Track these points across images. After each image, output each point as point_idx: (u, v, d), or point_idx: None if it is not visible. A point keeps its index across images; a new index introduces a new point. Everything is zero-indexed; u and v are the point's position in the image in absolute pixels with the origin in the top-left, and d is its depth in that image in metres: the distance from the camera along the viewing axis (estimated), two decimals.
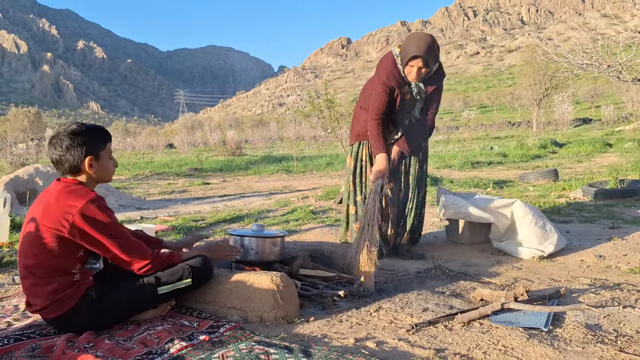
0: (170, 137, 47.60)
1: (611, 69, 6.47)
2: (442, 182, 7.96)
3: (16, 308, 2.55)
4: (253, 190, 8.98)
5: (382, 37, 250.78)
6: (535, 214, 3.55)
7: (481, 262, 3.43)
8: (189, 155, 22.66)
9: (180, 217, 5.90)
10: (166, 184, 10.98)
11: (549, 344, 1.94)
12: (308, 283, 2.67)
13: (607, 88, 43.30)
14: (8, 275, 3.32)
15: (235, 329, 2.12)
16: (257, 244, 2.70)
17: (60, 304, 2.07)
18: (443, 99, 3.88)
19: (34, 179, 7.59)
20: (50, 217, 2.04)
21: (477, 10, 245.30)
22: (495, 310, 2.25)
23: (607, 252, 3.49)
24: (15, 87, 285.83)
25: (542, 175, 7.79)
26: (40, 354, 1.93)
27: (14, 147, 20.63)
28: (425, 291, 2.69)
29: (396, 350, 1.93)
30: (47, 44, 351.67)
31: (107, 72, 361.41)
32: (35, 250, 2.06)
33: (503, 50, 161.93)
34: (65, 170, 2.14)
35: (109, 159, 2.22)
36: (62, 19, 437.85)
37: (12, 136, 31.75)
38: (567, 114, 28.27)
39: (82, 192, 2.08)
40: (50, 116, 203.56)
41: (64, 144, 2.10)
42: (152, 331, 2.10)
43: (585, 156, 12.96)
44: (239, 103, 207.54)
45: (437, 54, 3.29)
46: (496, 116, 54.43)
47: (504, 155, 13.45)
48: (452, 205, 3.73)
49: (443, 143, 21.96)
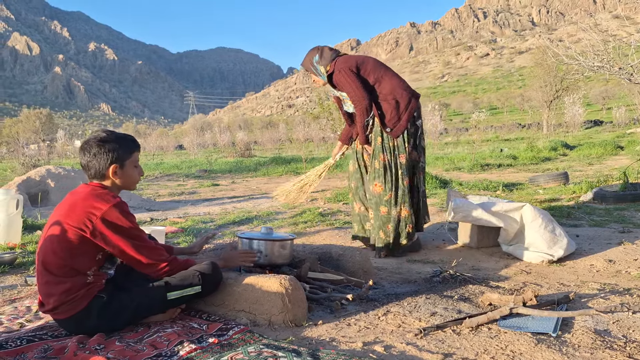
0: (180, 138, 47.86)
1: (623, 71, 6.43)
2: (451, 185, 7.94)
3: (28, 309, 2.58)
4: (262, 191, 9.01)
5: (391, 39, 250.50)
6: (545, 217, 3.53)
7: (490, 266, 3.42)
8: (198, 157, 22.76)
9: (190, 218, 5.94)
10: (176, 185, 11.04)
11: (558, 349, 1.93)
12: (316, 286, 2.68)
13: (619, 90, 42.92)
14: (21, 277, 3.36)
15: (244, 331, 2.13)
16: (266, 246, 2.72)
17: (72, 304, 2.10)
18: (453, 100, 4.14)
19: (46, 180, 7.67)
20: (75, 216, 2.11)
21: (487, 11, 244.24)
22: (504, 315, 2.25)
23: (617, 257, 3.47)
24: (27, 88, 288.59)
25: (553, 178, 7.74)
26: (52, 355, 1.95)
27: (26, 149, 20.84)
28: (433, 295, 2.69)
29: (404, 355, 1.93)
30: (59, 46, 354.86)
31: (118, 74, 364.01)
32: (56, 247, 2.11)
33: (513, 51, 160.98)
34: (91, 175, 2.24)
35: (134, 167, 2.30)
36: (74, 21, 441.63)
37: (24, 137, 32.08)
38: (578, 116, 28.08)
39: (107, 197, 2.16)
40: (61, 117, 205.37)
41: (92, 151, 2.20)
42: (161, 333, 2.12)
43: (596, 159, 12.86)
44: (248, 104, 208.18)
45: (312, 63, 3.86)
46: (506, 118, 54.14)
47: (514, 157, 13.37)
48: (461, 209, 3.73)
49: (452, 145, 21.89)
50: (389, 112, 3.71)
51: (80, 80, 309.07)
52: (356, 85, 3.67)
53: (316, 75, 3.90)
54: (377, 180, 3.74)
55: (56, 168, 8.16)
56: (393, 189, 3.71)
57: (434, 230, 4.67)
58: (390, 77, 3.77)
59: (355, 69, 3.71)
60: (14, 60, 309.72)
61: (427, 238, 4.33)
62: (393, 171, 3.71)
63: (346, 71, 3.69)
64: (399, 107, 3.71)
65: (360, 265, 3.07)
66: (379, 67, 3.82)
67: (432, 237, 4.38)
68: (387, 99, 3.72)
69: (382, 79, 3.74)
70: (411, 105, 3.73)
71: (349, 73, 3.68)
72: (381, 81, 3.74)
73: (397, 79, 3.78)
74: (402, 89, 3.74)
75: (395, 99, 3.71)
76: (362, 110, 3.69)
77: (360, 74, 3.73)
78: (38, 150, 23.72)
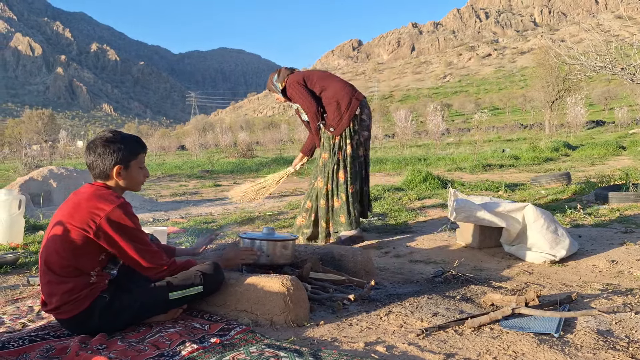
0: (182, 139, 47.93)
1: (625, 71, 6.42)
2: (453, 185, 7.93)
3: (31, 309, 2.59)
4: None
5: (393, 39, 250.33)
6: (547, 218, 3.53)
7: (492, 266, 3.41)
8: (200, 157, 22.79)
9: (192, 219, 5.94)
10: (178, 186, 11.05)
11: (560, 349, 1.93)
12: (318, 286, 2.68)
13: (621, 90, 42.88)
14: (23, 277, 3.37)
15: (246, 332, 2.13)
16: (268, 247, 2.72)
17: (74, 304, 2.10)
18: (455, 100, 4.35)
19: (48, 180, 7.68)
20: (78, 217, 2.11)
21: (489, 11, 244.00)
22: (506, 315, 2.25)
23: (620, 257, 3.46)
24: (30, 89, 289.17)
25: (555, 178, 7.72)
26: (54, 355, 1.96)
27: (28, 149, 20.89)
28: (435, 295, 2.69)
29: (406, 355, 1.93)
30: (61, 47, 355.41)
31: (120, 75, 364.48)
32: (59, 247, 2.11)
33: (515, 52, 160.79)
34: (95, 174, 2.24)
35: (139, 169, 2.30)
36: (76, 21, 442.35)
37: (27, 138, 32.16)
38: (580, 117, 28.04)
39: (111, 197, 2.16)
40: (63, 118, 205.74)
41: (97, 151, 2.21)
42: (163, 333, 2.13)
43: (599, 159, 12.84)
44: (250, 105, 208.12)
45: (272, 82, 4.39)
46: (508, 118, 54.11)
47: (516, 158, 13.35)
48: (463, 209, 3.72)
49: (454, 145, 21.87)
50: (331, 113, 4.15)
51: (83, 80, 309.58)
52: (304, 95, 4.18)
53: (277, 93, 4.41)
54: (320, 176, 4.23)
55: (58, 168, 8.17)
56: (329, 182, 4.16)
57: (435, 230, 4.66)
58: (334, 84, 4.22)
59: (302, 82, 4.22)
60: (16, 61, 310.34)
61: (427, 237, 4.33)
62: (330, 167, 4.15)
63: (295, 85, 4.23)
64: (340, 108, 4.14)
65: (362, 266, 3.07)
66: (324, 77, 4.30)
67: (433, 237, 4.38)
68: (330, 102, 4.17)
69: (327, 87, 4.20)
70: (352, 106, 4.14)
71: (298, 86, 4.21)
72: (326, 89, 4.20)
73: (340, 85, 4.22)
74: (344, 92, 4.16)
75: (337, 101, 4.14)
76: (312, 116, 4.18)
77: (308, 86, 4.23)
78: (40, 151, 23.77)
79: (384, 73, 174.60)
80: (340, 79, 4.36)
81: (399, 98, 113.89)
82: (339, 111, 4.13)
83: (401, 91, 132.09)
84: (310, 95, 4.19)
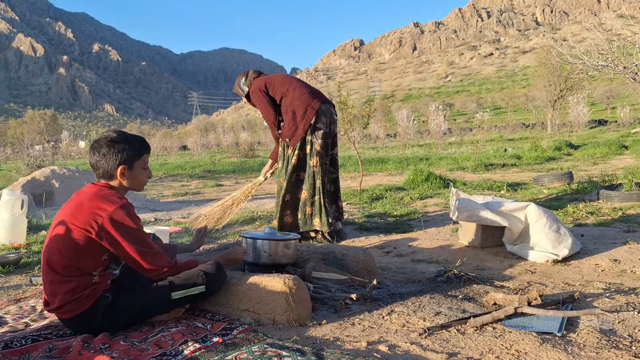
0: (184, 139, 47.97)
1: (627, 70, 6.41)
2: (455, 184, 7.92)
3: (33, 309, 2.59)
4: (265, 192, 9.00)
5: (394, 39, 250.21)
6: (550, 217, 3.52)
7: (494, 265, 3.41)
8: (202, 157, 22.81)
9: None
10: (180, 186, 11.06)
11: (563, 349, 1.93)
12: (320, 286, 2.68)
13: (623, 89, 42.81)
14: (25, 277, 3.38)
15: (248, 331, 2.13)
16: (270, 246, 2.72)
17: (77, 304, 2.11)
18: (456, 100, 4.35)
19: (50, 180, 7.69)
20: (81, 217, 2.11)
21: (491, 11, 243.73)
22: (509, 315, 2.25)
23: (622, 256, 3.46)
24: (32, 89, 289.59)
25: (557, 177, 7.71)
26: (57, 354, 1.96)
27: (31, 149, 20.94)
28: (438, 295, 2.69)
29: (408, 354, 1.93)
30: (63, 47, 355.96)
31: (122, 75, 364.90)
32: (61, 247, 2.11)
33: (517, 51, 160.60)
34: (99, 174, 2.24)
35: (142, 169, 2.30)
36: (78, 22, 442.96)
37: (29, 138, 32.23)
38: (582, 116, 27.96)
39: (114, 198, 2.16)
40: (66, 118, 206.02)
41: (101, 150, 2.21)
42: (166, 333, 2.13)
43: (601, 158, 12.81)
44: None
45: (240, 86, 4.39)
46: (510, 118, 54.04)
47: (518, 157, 13.34)
48: (465, 208, 3.72)
49: (456, 145, 21.86)
50: (287, 123, 4.14)
51: (85, 81, 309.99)
52: (264, 103, 4.18)
53: (243, 96, 4.41)
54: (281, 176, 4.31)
55: (61, 169, 8.18)
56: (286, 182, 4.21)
57: (437, 229, 4.66)
58: (294, 90, 4.15)
59: (264, 89, 4.18)
60: (18, 62, 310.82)
61: (429, 236, 4.33)
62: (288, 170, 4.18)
63: (257, 92, 4.20)
64: (296, 118, 4.10)
65: (364, 265, 3.07)
66: (286, 83, 4.22)
67: (435, 237, 4.37)
68: (287, 111, 4.14)
69: (287, 94, 4.15)
70: (307, 115, 4.08)
71: (259, 93, 4.18)
72: (286, 95, 4.14)
73: (298, 92, 4.13)
74: (299, 101, 4.09)
75: (293, 110, 4.09)
76: (270, 125, 4.22)
77: (270, 93, 4.20)
78: (43, 151, 23.82)
79: (386, 73, 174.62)
80: (302, 84, 4.30)
81: (401, 98, 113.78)
82: (294, 121, 4.10)
83: (403, 91, 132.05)
84: (270, 103, 4.17)
